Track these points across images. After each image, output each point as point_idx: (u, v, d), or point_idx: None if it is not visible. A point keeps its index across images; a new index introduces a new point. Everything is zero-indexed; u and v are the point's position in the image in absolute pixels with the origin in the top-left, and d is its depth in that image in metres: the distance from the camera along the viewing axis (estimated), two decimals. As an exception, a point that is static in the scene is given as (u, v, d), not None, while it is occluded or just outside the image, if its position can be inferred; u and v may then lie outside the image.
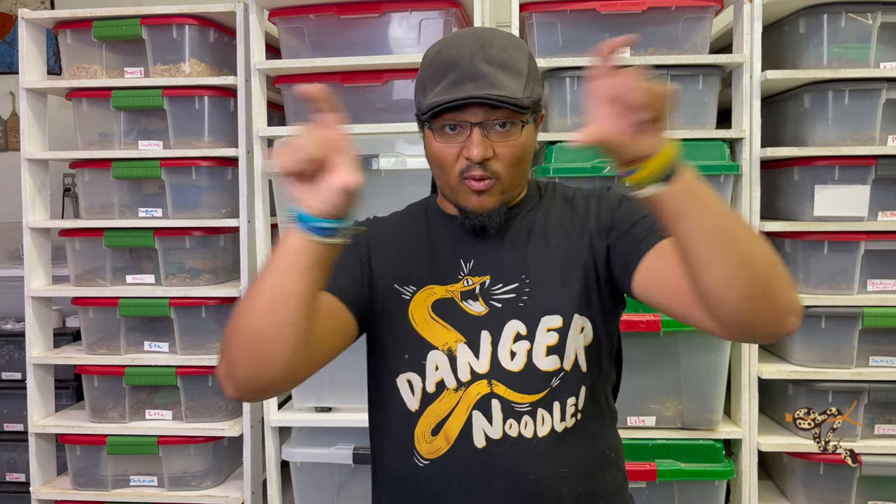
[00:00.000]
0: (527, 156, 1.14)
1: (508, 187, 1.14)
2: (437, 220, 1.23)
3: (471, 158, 1.08)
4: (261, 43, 2.11)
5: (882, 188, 1.97)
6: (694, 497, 2.00)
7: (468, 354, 1.12)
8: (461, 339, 1.13)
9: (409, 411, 1.15)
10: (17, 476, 2.57)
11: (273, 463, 2.13)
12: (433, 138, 1.12)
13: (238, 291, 2.14)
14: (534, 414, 1.10)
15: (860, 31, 1.94)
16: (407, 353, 1.15)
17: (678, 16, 2.00)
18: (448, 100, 1.07)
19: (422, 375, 1.14)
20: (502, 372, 1.11)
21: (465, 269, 1.16)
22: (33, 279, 2.24)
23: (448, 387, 1.12)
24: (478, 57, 1.08)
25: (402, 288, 1.17)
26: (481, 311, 1.14)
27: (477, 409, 1.11)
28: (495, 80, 1.07)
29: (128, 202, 2.23)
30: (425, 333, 1.14)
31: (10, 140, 3.10)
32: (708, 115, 2.02)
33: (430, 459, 1.12)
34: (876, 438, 2.02)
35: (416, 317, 1.15)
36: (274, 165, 0.93)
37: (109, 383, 2.20)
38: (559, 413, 1.11)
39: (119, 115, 2.19)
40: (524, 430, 1.10)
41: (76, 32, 2.19)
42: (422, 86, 1.14)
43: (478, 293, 1.15)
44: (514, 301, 1.14)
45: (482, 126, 1.08)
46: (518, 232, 1.18)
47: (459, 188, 1.12)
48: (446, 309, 1.14)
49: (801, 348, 2.01)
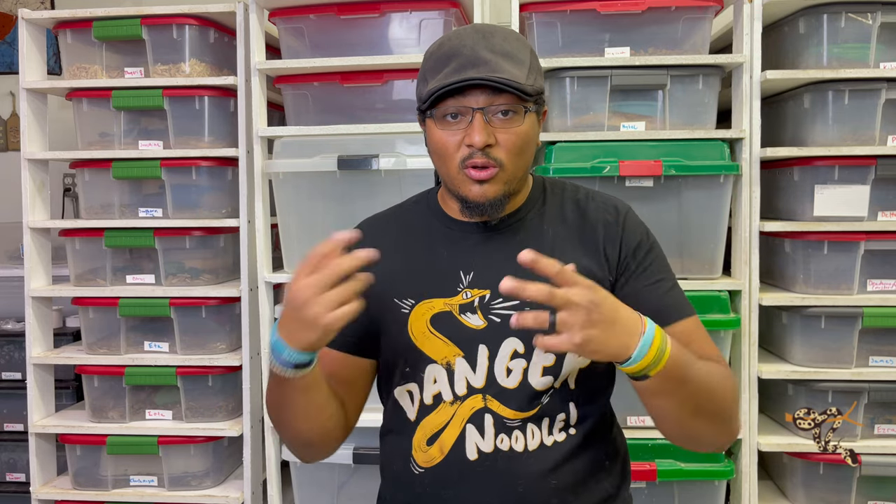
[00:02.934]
0: (530, 146, 1.13)
1: (511, 177, 1.11)
2: (438, 221, 1.21)
3: (473, 145, 1.07)
4: (261, 43, 2.11)
5: (882, 188, 1.97)
6: (694, 497, 2.00)
7: (466, 368, 1.13)
8: (459, 353, 1.13)
9: (409, 420, 1.17)
10: (17, 476, 2.57)
11: (273, 463, 2.13)
12: (434, 127, 1.11)
13: (238, 291, 2.14)
14: (524, 429, 1.12)
15: (860, 31, 1.94)
16: (407, 366, 1.16)
17: (678, 16, 2.00)
18: (450, 82, 1.06)
19: (420, 387, 1.15)
20: (497, 388, 1.12)
21: (465, 282, 1.15)
22: (33, 279, 2.24)
23: (444, 400, 1.14)
24: (480, 45, 1.08)
25: (401, 301, 1.16)
26: (480, 324, 1.13)
27: (470, 423, 1.12)
28: (497, 66, 1.06)
29: (128, 202, 2.23)
30: (424, 348, 1.14)
31: (10, 140, 3.10)
32: (708, 115, 2.02)
33: (426, 468, 1.15)
34: (876, 438, 2.02)
35: (414, 331, 1.15)
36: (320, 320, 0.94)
37: (109, 383, 2.21)
38: (547, 428, 1.13)
39: (119, 115, 2.19)
40: (515, 444, 1.12)
41: (76, 32, 2.19)
42: (423, 77, 1.13)
43: (476, 306, 1.13)
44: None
45: (484, 112, 1.07)
46: (523, 240, 1.15)
47: (460, 178, 1.10)
48: (444, 322, 1.14)
49: (801, 348, 2.01)
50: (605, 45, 2.03)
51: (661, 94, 2.01)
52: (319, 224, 2.05)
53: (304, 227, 2.06)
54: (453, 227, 1.19)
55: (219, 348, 2.20)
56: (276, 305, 2.12)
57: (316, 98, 2.12)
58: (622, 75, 1.99)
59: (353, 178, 2.00)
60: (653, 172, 1.92)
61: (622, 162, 1.92)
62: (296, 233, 2.07)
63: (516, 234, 1.16)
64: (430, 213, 1.23)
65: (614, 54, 2.01)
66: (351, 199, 2.02)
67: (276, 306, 2.11)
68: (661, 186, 1.95)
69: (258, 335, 2.15)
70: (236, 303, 2.17)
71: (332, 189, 2.02)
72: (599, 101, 2.01)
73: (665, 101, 2.01)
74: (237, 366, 2.16)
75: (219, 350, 2.19)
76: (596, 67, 1.98)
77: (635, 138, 1.99)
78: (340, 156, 1.98)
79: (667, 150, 1.95)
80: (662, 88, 2.00)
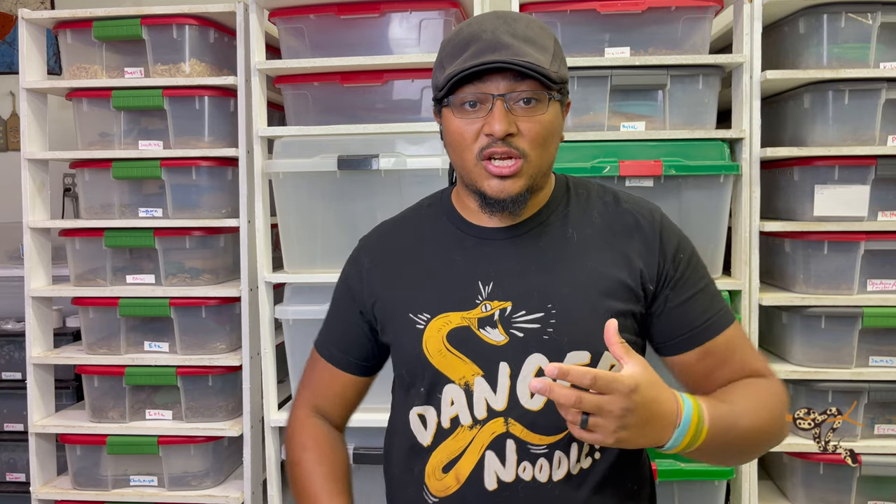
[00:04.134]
0: (554, 137, 1.04)
1: (536, 170, 1.02)
2: (453, 225, 1.13)
3: (492, 134, 0.98)
4: (261, 43, 2.11)
5: (882, 188, 1.97)
6: (694, 497, 2.00)
7: (485, 389, 1.04)
8: (478, 371, 1.04)
9: (422, 445, 1.10)
10: (17, 476, 2.57)
11: (273, 463, 2.13)
12: (451, 116, 1.02)
13: (238, 291, 2.14)
14: (550, 456, 1.03)
15: (860, 31, 1.94)
16: (422, 386, 1.09)
17: (678, 16, 2.00)
18: (468, 66, 0.97)
19: (437, 409, 1.08)
20: (520, 410, 1.03)
21: (484, 294, 1.06)
22: (33, 279, 2.24)
23: (462, 424, 1.06)
24: (501, 30, 1.00)
25: (416, 317, 1.08)
26: (501, 340, 1.04)
27: (490, 450, 1.04)
28: (520, 50, 0.98)
29: (128, 202, 2.23)
30: (441, 367, 1.06)
31: (10, 140, 3.10)
32: (708, 115, 2.02)
33: (440, 497, 1.07)
34: (876, 438, 2.02)
35: (430, 349, 1.07)
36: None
37: (109, 383, 2.21)
38: (576, 454, 1.04)
39: (119, 115, 2.19)
40: (538, 473, 1.03)
41: (76, 32, 2.19)
42: (439, 64, 1.05)
43: (497, 319, 1.04)
44: (538, 332, 1.03)
45: (505, 99, 0.98)
46: (546, 246, 1.07)
47: (477, 171, 1.02)
48: (462, 338, 1.05)
49: (801, 348, 2.01)
50: (605, 45, 2.03)
51: (661, 94, 2.01)
52: (319, 224, 2.05)
53: (304, 227, 2.06)
54: (469, 231, 1.11)
55: (219, 348, 2.20)
56: (275, 305, 2.11)
57: (316, 98, 2.12)
58: (622, 75, 1.99)
59: (353, 178, 2.00)
60: (653, 172, 1.92)
61: (622, 162, 1.92)
62: (296, 233, 2.07)
63: (538, 240, 1.08)
64: (444, 216, 1.15)
65: (614, 54, 2.01)
66: (351, 199, 2.02)
67: (276, 306, 2.11)
68: (661, 186, 1.95)
69: (258, 335, 2.15)
70: (236, 303, 2.17)
71: (332, 189, 2.02)
72: (599, 101, 2.01)
73: (665, 101, 2.01)
74: (237, 366, 2.16)
75: (219, 350, 2.19)
76: (596, 67, 1.98)
77: (635, 138, 1.99)
78: (340, 156, 1.98)
79: (667, 150, 1.95)
80: (662, 88, 2.00)
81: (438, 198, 1.20)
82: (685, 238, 1.13)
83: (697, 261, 1.12)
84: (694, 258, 1.11)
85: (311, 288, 2.08)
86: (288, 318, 2.07)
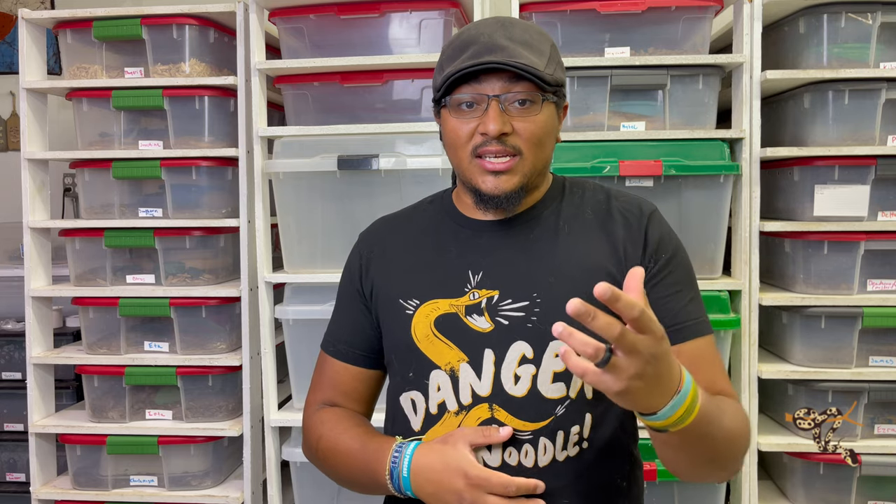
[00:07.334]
0: (549, 138, 1.07)
1: (531, 169, 1.05)
2: (450, 219, 1.17)
3: (487, 133, 1.02)
4: (261, 43, 2.11)
5: (882, 188, 1.97)
6: (694, 497, 2.00)
7: (470, 375, 1.07)
8: (464, 357, 1.08)
9: (412, 430, 1.12)
10: (17, 476, 2.57)
11: (273, 463, 2.13)
12: (448, 116, 1.06)
13: (238, 291, 2.14)
14: (535, 443, 1.05)
15: (860, 31, 1.94)
16: (410, 371, 1.12)
17: (678, 16, 2.00)
18: (466, 66, 1.01)
19: (425, 395, 1.10)
20: (504, 396, 1.06)
21: (473, 282, 1.09)
22: (33, 279, 2.24)
23: (449, 409, 1.08)
24: (498, 34, 1.04)
25: (406, 302, 1.12)
26: (486, 327, 1.07)
27: None
28: (515, 53, 1.02)
29: (128, 202, 2.23)
30: (428, 352, 1.09)
31: (10, 140, 3.10)
32: (708, 115, 2.02)
33: None
34: (876, 438, 2.01)
35: (418, 334, 1.10)
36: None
37: (109, 383, 2.21)
38: (562, 442, 1.05)
39: (119, 115, 2.19)
40: (524, 459, 1.05)
41: (76, 32, 2.19)
42: (439, 67, 1.09)
43: (483, 307, 1.07)
44: (522, 320, 1.06)
45: (500, 100, 1.02)
46: (537, 238, 1.10)
47: (472, 168, 1.05)
48: (450, 325, 1.09)
49: (801, 348, 2.01)
50: (605, 45, 2.03)
51: (661, 93, 2.01)
52: (319, 224, 2.05)
53: (304, 227, 2.06)
54: (464, 224, 1.15)
55: (219, 348, 2.20)
56: (275, 305, 2.12)
57: (316, 98, 2.12)
58: (622, 75, 1.99)
59: (352, 178, 2.00)
60: (653, 172, 1.92)
61: (622, 162, 1.92)
62: (296, 233, 2.07)
63: (530, 232, 1.11)
64: (443, 211, 1.19)
65: (614, 54, 2.01)
66: (351, 199, 2.02)
67: (276, 306, 2.11)
68: (661, 186, 1.95)
69: (258, 335, 2.15)
70: (236, 303, 2.17)
71: (332, 189, 2.02)
72: (599, 101, 2.01)
73: (665, 100, 2.01)
74: (237, 366, 2.16)
75: (219, 350, 2.19)
76: (596, 67, 1.99)
77: (635, 138, 1.99)
78: (340, 156, 1.98)
79: (667, 150, 1.95)
80: (662, 88, 2.00)
81: (440, 196, 1.24)
82: (673, 238, 1.13)
83: (681, 263, 1.11)
84: (677, 259, 1.11)
85: (311, 288, 2.08)
86: (288, 318, 2.07)
